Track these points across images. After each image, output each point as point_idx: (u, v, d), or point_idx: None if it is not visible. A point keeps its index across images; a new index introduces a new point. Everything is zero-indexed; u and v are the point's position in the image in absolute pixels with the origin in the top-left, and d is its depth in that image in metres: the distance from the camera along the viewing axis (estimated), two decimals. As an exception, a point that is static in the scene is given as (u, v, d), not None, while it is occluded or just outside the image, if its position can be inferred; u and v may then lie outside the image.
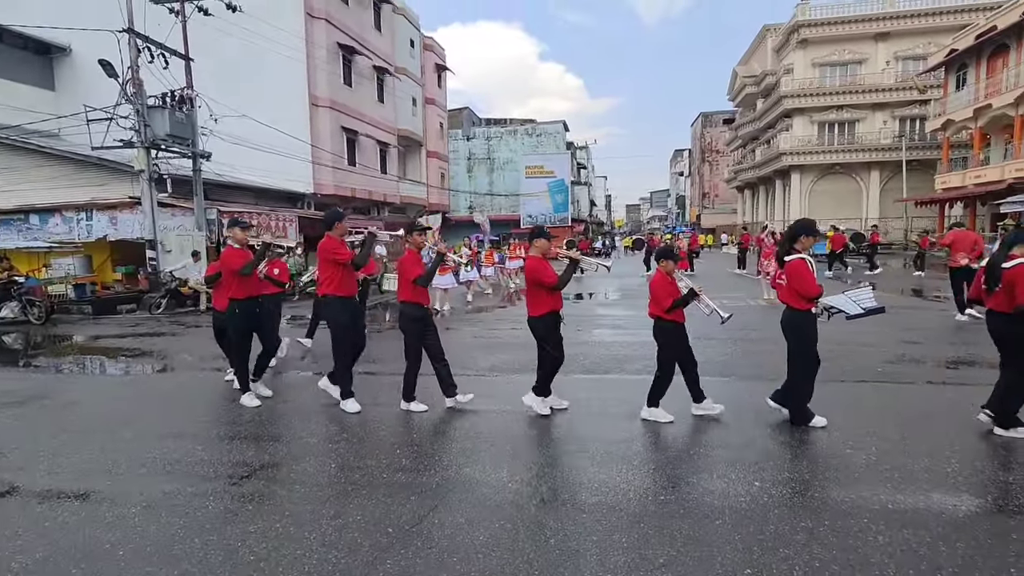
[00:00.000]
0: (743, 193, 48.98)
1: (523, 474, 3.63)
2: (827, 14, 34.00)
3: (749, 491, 3.28)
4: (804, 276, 4.17)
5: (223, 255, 5.18)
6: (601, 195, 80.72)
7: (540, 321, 4.65)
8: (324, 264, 4.96)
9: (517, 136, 41.60)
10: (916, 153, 31.98)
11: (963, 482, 3.34)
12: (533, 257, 4.70)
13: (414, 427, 4.61)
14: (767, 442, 4.06)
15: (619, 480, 3.47)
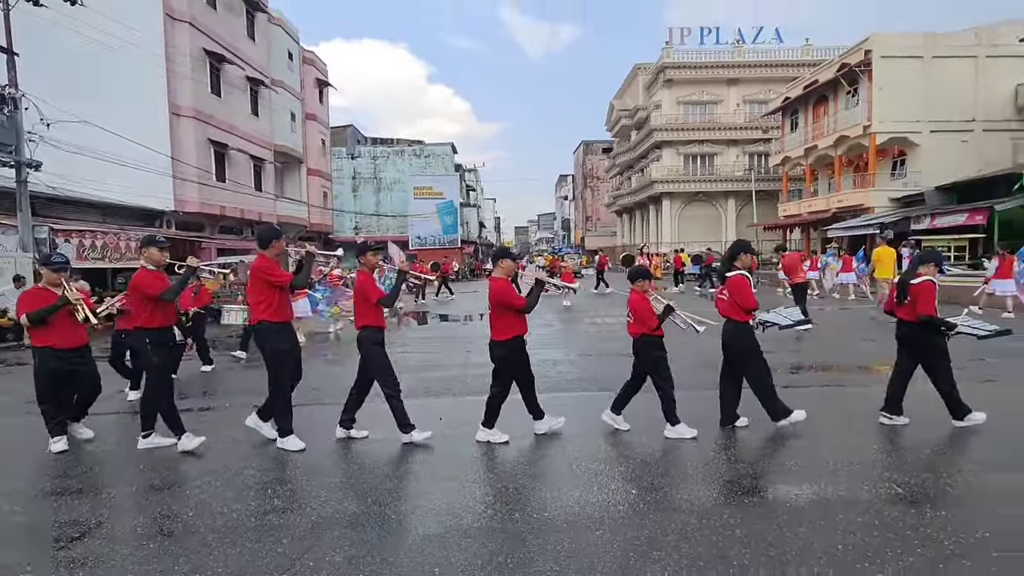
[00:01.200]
0: (622, 217, 52.52)
1: (406, 505, 3.50)
2: (688, 58, 37.97)
3: (627, 499, 3.42)
4: (745, 290, 4.55)
5: (136, 279, 4.47)
6: (490, 217, 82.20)
7: (505, 345, 4.45)
8: (258, 288, 4.45)
9: (405, 156, 41.23)
10: (763, 184, 36.42)
11: (804, 474, 3.76)
12: (499, 279, 4.54)
13: (288, 463, 4.26)
14: (644, 450, 4.29)
15: (504, 501, 3.46)
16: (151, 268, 4.53)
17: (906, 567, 2.61)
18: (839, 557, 2.72)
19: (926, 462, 3.91)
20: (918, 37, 23.75)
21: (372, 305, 4.58)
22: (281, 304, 4.47)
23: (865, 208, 24.53)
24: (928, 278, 4.53)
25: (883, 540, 2.86)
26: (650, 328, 4.57)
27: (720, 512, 3.22)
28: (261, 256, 4.52)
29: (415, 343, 10.25)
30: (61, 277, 4.60)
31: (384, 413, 4.59)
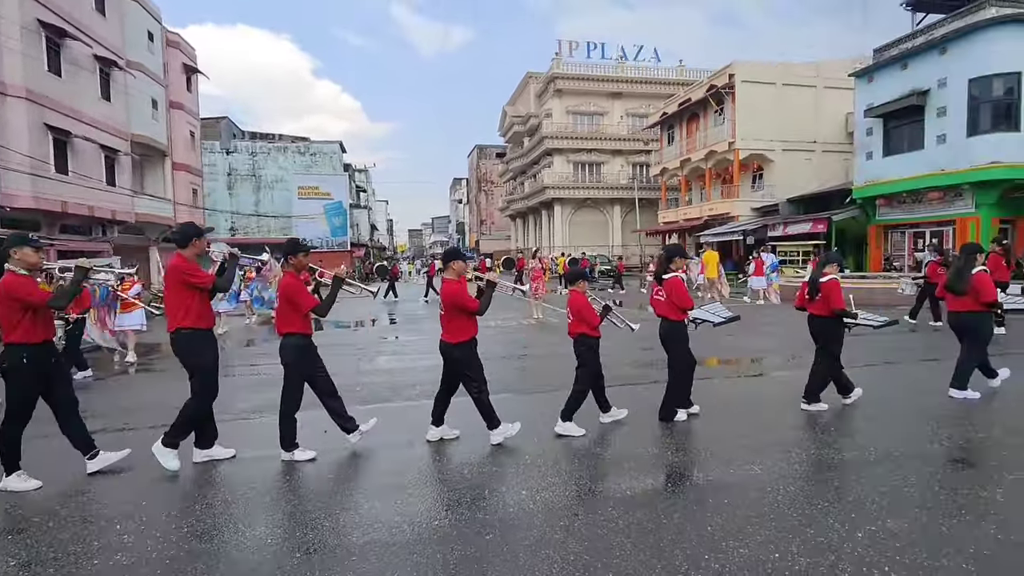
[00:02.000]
0: (515, 221, 53.57)
1: (286, 524, 3.25)
2: (576, 70, 39.68)
3: (516, 500, 3.45)
4: (681, 291, 4.82)
5: (7, 285, 3.76)
6: (383, 219, 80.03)
7: (460, 348, 4.36)
8: (177, 290, 4.00)
9: (288, 154, 38.73)
10: (645, 192, 38.99)
11: (679, 463, 4.04)
12: (450, 280, 4.42)
13: (144, 491, 3.79)
14: (533, 450, 4.35)
15: (394, 512, 3.34)
16: (22, 272, 3.82)
17: (764, 540, 2.88)
18: (708, 536, 2.94)
19: (782, 447, 4.36)
20: (771, 66, 26.82)
21: (302, 312, 4.26)
22: (204, 309, 4.12)
23: (731, 216, 27.19)
24: (833, 276, 5.13)
25: (745, 517, 3.14)
26: (592, 326, 4.72)
27: (604, 505, 3.35)
28: (179, 256, 4.10)
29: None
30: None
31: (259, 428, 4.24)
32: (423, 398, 6.05)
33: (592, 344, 4.74)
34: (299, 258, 4.35)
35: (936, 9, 19.98)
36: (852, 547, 2.80)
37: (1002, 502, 3.27)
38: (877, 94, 19.94)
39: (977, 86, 16.76)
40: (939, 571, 2.58)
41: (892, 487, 3.51)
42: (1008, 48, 16.24)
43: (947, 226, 18.33)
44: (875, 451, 4.14)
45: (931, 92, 17.95)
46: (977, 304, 5.31)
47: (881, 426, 4.74)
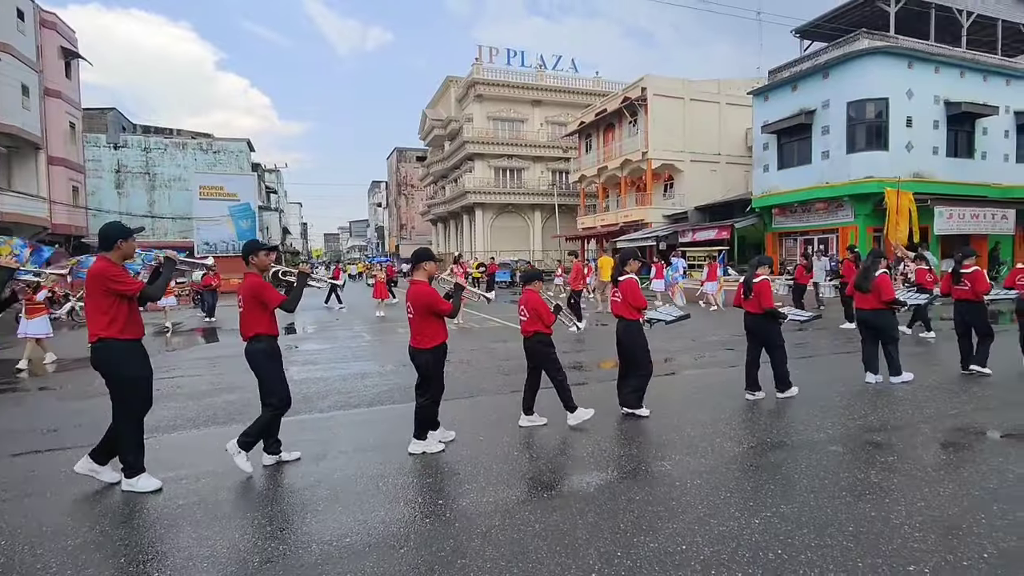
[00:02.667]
0: (437, 226, 53.06)
1: (173, 558, 2.97)
2: (496, 77, 40.00)
3: (434, 510, 3.37)
4: (636, 291, 5.12)
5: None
6: (296, 223, 76.46)
7: (431, 353, 4.30)
8: (99, 297, 3.64)
9: (188, 150, 35.90)
10: (564, 199, 39.94)
11: (593, 464, 4.13)
12: (420, 282, 4.32)
13: (79, 511, 3.33)
14: (449, 458, 4.29)
15: (298, 534, 3.15)
16: None
17: (672, 533, 3.00)
18: (621, 533, 3.02)
19: (689, 443, 4.59)
20: (679, 81, 28.44)
21: (269, 311, 4.06)
22: (132, 318, 3.74)
23: (646, 223, 28.48)
24: (765, 277, 5.63)
25: (655, 512, 3.26)
26: (547, 324, 4.89)
27: (522, 510, 3.35)
28: (103, 259, 3.71)
29: (203, 365, 8.96)
30: None
31: (219, 437, 3.85)
32: (335, 409, 5.81)
33: (546, 340, 4.94)
34: (260, 257, 4.13)
35: (820, 38, 22.11)
36: (750, 533, 2.98)
37: (876, 482, 3.61)
38: (772, 112, 21.71)
39: (854, 108, 18.70)
40: (823, 549, 2.81)
41: (785, 474, 3.79)
42: (878, 76, 18.27)
43: (831, 234, 20.25)
44: (770, 442, 4.45)
45: (817, 112, 19.80)
46: (879, 302, 6.08)
47: (776, 418, 5.11)
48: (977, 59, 19.90)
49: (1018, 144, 20.58)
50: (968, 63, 19.52)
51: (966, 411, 5.19)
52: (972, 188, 19.21)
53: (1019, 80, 20.39)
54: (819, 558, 2.73)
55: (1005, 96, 19.97)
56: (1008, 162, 20.43)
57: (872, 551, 2.78)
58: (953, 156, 19.44)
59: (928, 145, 18.86)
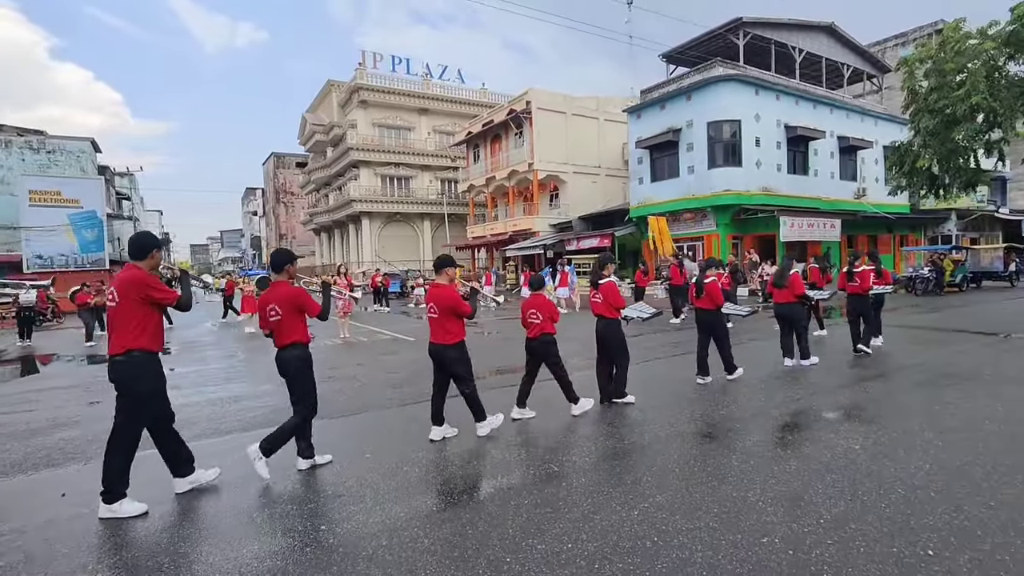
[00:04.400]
0: (320, 235, 50.59)
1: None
2: (381, 83, 39.18)
3: (314, 538, 3.18)
4: (616, 293, 5.68)
5: None
6: (156, 232, 68.87)
7: (455, 349, 4.70)
8: (135, 306, 3.62)
9: (13, 149, 30.64)
10: (454, 208, 40.00)
11: (480, 472, 4.14)
12: (443, 285, 4.73)
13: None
14: (336, 481, 4.08)
15: (176, 571, 2.82)
16: None
17: (559, 533, 3.09)
18: (510, 539, 3.05)
19: (576, 443, 4.76)
20: (561, 96, 29.78)
21: (304, 319, 4.18)
22: (159, 329, 3.78)
23: (533, 232, 29.34)
24: (713, 278, 6.51)
25: (543, 514, 3.34)
26: (554, 322, 5.37)
27: (410, 526, 3.27)
28: (136, 268, 3.71)
29: (26, 397, 7.72)
30: None
31: None
32: (205, 437, 5.29)
33: (553, 339, 5.40)
34: (293, 267, 4.31)
35: (684, 63, 24.32)
36: (630, 525, 3.16)
37: (736, 466, 4.00)
38: (644, 129, 23.47)
39: (712, 128, 20.79)
40: (693, 532, 3.05)
41: (660, 466, 4.07)
42: (731, 100, 20.50)
43: (699, 241, 22.27)
44: (648, 436, 4.77)
45: (683, 130, 21.73)
46: (792, 296, 7.30)
47: (651, 413, 5.48)
48: (808, 90, 23.09)
49: (840, 164, 24.14)
50: (801, 92, 22.56)
51: (806, 396, 5.93)
52: (808, 201, 22.16)
53: (840, 110, 23.95)
54: (690, 540, 2.96)
55: (830, 122, 23.35)
56: (834, 179, 23.88)
57: (733, 528, 3.07)
58: (793, 173, 22.31)
59: (773, 163, 21.47)
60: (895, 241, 26.68)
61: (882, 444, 4.33)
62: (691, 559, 2.79)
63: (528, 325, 5.44)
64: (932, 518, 3.12)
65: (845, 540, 2.92)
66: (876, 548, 2.83)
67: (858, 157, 24.84)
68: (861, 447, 4.28)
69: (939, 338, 9.40)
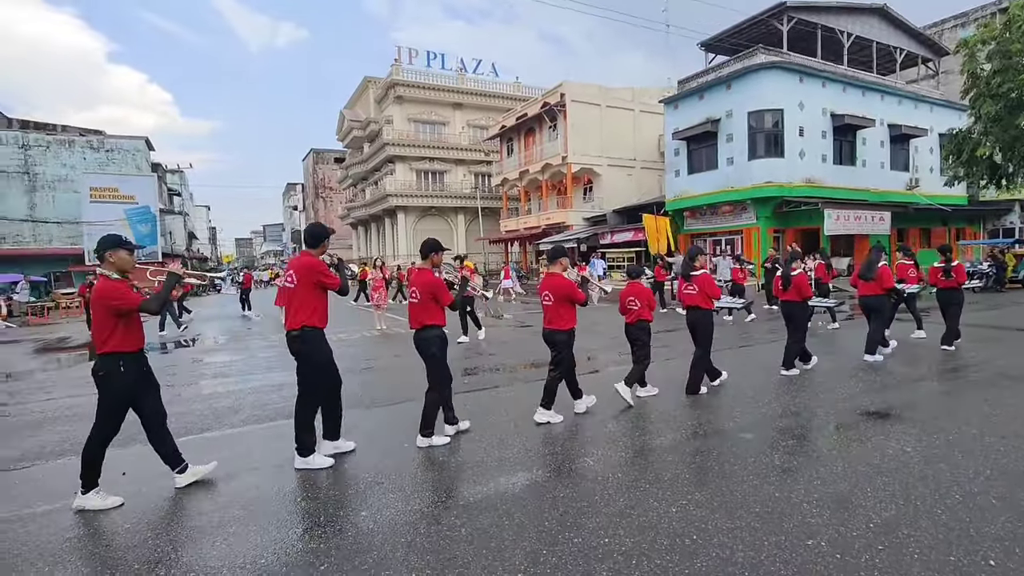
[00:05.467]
0: (357, 229, 51.54)
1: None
2: (416, 79, 39.52)
3: (354, 523, 3.25)
4: (712, 284, 5.83)
5: (100, 290, 3.60)
6: (203, 227, 71.56)
7: (567, 334, 4.95)
8: (310, 290, 4.13)
9: (75, 148, 32.45)
10: (487, 202, 40.10)
11: (518, 463, 4.15)
12: (557, 275, 4.98)
13: None
14: (375, 469, 4.16)
15: (216, 554, 2.93)
16: (115, 276, 3.64)
17: (595, 528, 3.07)
18: (546, 531, 3.05)
19: (612, 438, 4.72)
20: (596, 88, 29.42)
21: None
22: (326, 310, 4.25)
23: (567, 225, 29.17)
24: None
25: (579, 508, 3.32)
26: (652, 310, 5.65)
27: (448, 515, 3.30)
28: (310, 255, 4.23)
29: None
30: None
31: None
32: (252, 423, 5.47)
33: (648, 327, 5.64)
34: (438, 256, 4.70)
35: (724, 51, 23.67)
36: (668, 522, 3.11)
37: (779, 465, 3.89)
38: (681, 120, 22.97)
39: (753, 118, 20.18)
40: (734, 531, 2.98)
41: (699, 463, 3.99)
42: (774, 88, 19.84)
43: (737, 235, 21.71)
44: (686, 433, 4.68)
45: (721, 121, 21.17)
46: (880, 289, 7.10)
47: (691, 409, 5.38)
48: (857, 76, 22.14)
49: (891, 153, 23.09)
50: (849, 79, 21.65)
51: (854, 394, 5.71)
52: (855, 192, 21.30)
53: (891, 96, 22.89)
54: (730, 540, 2.90)
55: (880, 110, 22.34)
56: (884, 169, 22.87)
57: (776, 529, 2.99)
58: (839, 163, 21.48)
59: (818, 153, 20.71)
60: (951, 234, 25.42)
61: (937, 447, 4.13)
62: (732, 558, 2.73)
63: (627, 311, 5.70)
64: (994, 527, 2.96)
65: (897, 546, 2.80)
66: (931, 555, 2.71)
67: (911, 146, 23.73)
68: (914, 449, 4.10)
69: (998, 336, 8.90)
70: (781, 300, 6.75)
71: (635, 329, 5.66)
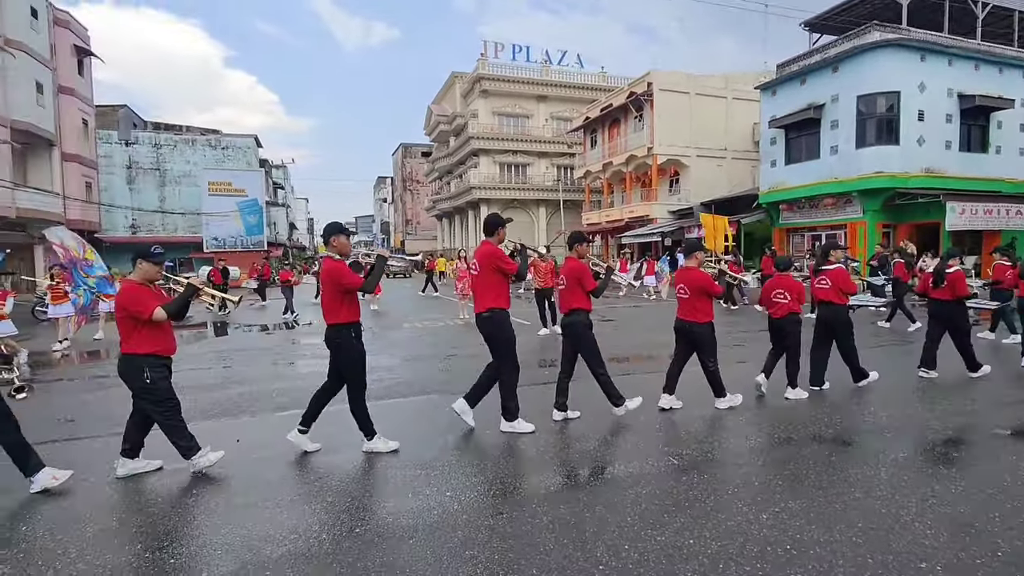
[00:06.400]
0: (442, 221, 53.08)
1: (191, 545, 3.00)
2: (502, 72, 39.88)
3: (440, 502, 3.39)
4: (847, 278, 5.70)
5: (331, 270, 4.06)
6: (303, 218, 76.76)
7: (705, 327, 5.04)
8: (489, 275, 4.54)
9: (197, 147, 36.05)
10: (569, 194, 39.84)
11: (601, 457, 4.13)
12: (693, 268, 5.08)
13: (22, 514, 3.38)
14: (459, 452, 4.30)
15: (310, 523, 3.17)
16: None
17: (679, 527, 3.00)
18: (628, 527, 3.02)
19: (696, 435, 4.58)
20: (685, 76, 28.25)
21: (586, 291, 4.80)
22: (508, 292, 4.59)
23: (651, 219, 28.36)
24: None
25: (662, 506, 3.25)
26: (801, 303, 5.53)
27: (528, 502, 3.36)
28: (489, 244, 4.59)
29: (213, 358, 9.02)
30: (161, 270, 4.06)
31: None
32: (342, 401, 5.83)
33: (800, 320, 5.57)
34: (583, 247, 5.05)
35: (830, 31, 21.88)
36: (758, 528, 2.97)
37: (886, 479, 3.59)
38: (780, 106, 21.53)
39: (864, 102, 18.50)
40: (832, 545, 2.80)
41: (793, 470, 3.77)
42: (889, 69, 18.06)
43: (840, 230, 20.09)
44: (778, 437, 4.44)
45: (826, 106, 19.61)
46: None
47: (784, 413, 5.08)
48: (992, 51, 19.61)
49: (1032, 138, 20.31)
50: (983, 55, 19.23)
51: (975, 408, 5.15)
52: (986, 183, 18.97)
53: (1034, 73, 20.08)
54: (828, 553, 2.72)
55: (1022, 88, 19.68)
56: (1023, 156, 20.17)
57: (882, 548, 2.77)
58: (966, 150, 19.20)
59: (940, 139, 18.64)
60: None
61: (1081, 471, 3.64)
62: (830, 573, 2.56)
63: (773, 304, 5.60)
64: None
65: (1029, 576, 2.50)
66: (1072, 591, 2.40)
67: (1058, 130, 20.74)
68: (1051, 472, 3.63)
69: None
70: (930, 298, 6.34)
71: (784, 323, 5.56)
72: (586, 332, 4.84)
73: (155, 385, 3.83)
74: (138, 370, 3.80)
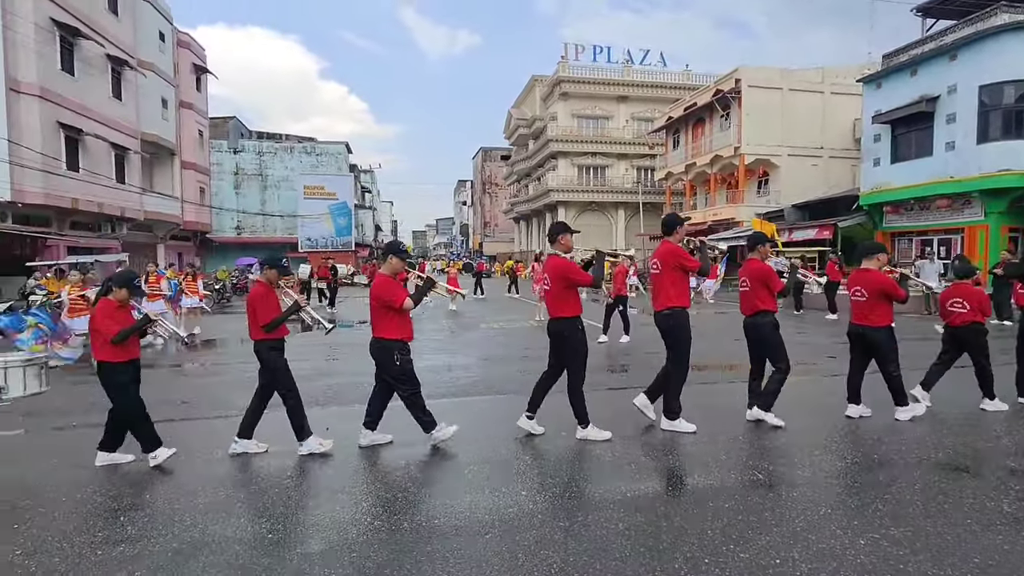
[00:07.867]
0: (519, 224, 53.55)
1: (284, 523, 3.24)
2: (582, 74, 39.68)
3: (516, 501, 3.43)
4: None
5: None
6: (387, 220, 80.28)
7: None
8: (672, 273, 4.63)
9: (294, 153, 38.84)
10: (649, 196, 38.90)
11: (680, 467, 4.01)
12: (873, 271, 4.85)
13: (144, 484, 3.80)
14: (537, 451, 4.34)
15: (392, 511, 3.33)
16: None
17: (765, 545, 2.85)
18: (708, 540, 2.91)
19: (782, 450, 4.33)
20: (777, 71, 26.74)
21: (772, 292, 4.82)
22: (688, 290, 4.71)
23: (736, 221, 27.07)
24: None
25: (746, 522, 3.11)
26: (985, 315, 5.20)
27: (605, 507, 3.33)
28: (668, 243, 4.68)
29: (307, 351, 9.66)
30: None
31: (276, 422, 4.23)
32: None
33: (985, 330, 5.23)
34: (765, 248, 5.02)
35: (946, 15, 19.91)
36: (854, 554, 2.77)
37: (1010, 512, 3.22)
38: (886, 100, 19.85)
39: (987, 93, 16.67)
40: (942, 579, 2.55)
41: (895, 495, 3.47)
42: (1019, 55, 16.14)
43: (955, 234, 18.21)
44: (878, 458, 4.10)
45: (941, 98, 17.86)
46: None
47: (886, 433, 4.68)
48: None
49: None
50: None
51: None
52: None
53: None
54: (937, 587, 2.48)
55: None
56: None
57: (1002, 586, 2.49)
58: (1114, 145, 16.79)
59: (1080, 132, 16.42)
60: None
61: None
62: (939, 609, 2.34)
63: (949, 314, 5.29)
64: None
65: None
66: None
67: None
68: None
69: None
70: None
71: (966, 332, 5.20)
72: (773, 333, 4.75)
73: (403, 367, 4.24)
74: (388, 352, 4.22)
